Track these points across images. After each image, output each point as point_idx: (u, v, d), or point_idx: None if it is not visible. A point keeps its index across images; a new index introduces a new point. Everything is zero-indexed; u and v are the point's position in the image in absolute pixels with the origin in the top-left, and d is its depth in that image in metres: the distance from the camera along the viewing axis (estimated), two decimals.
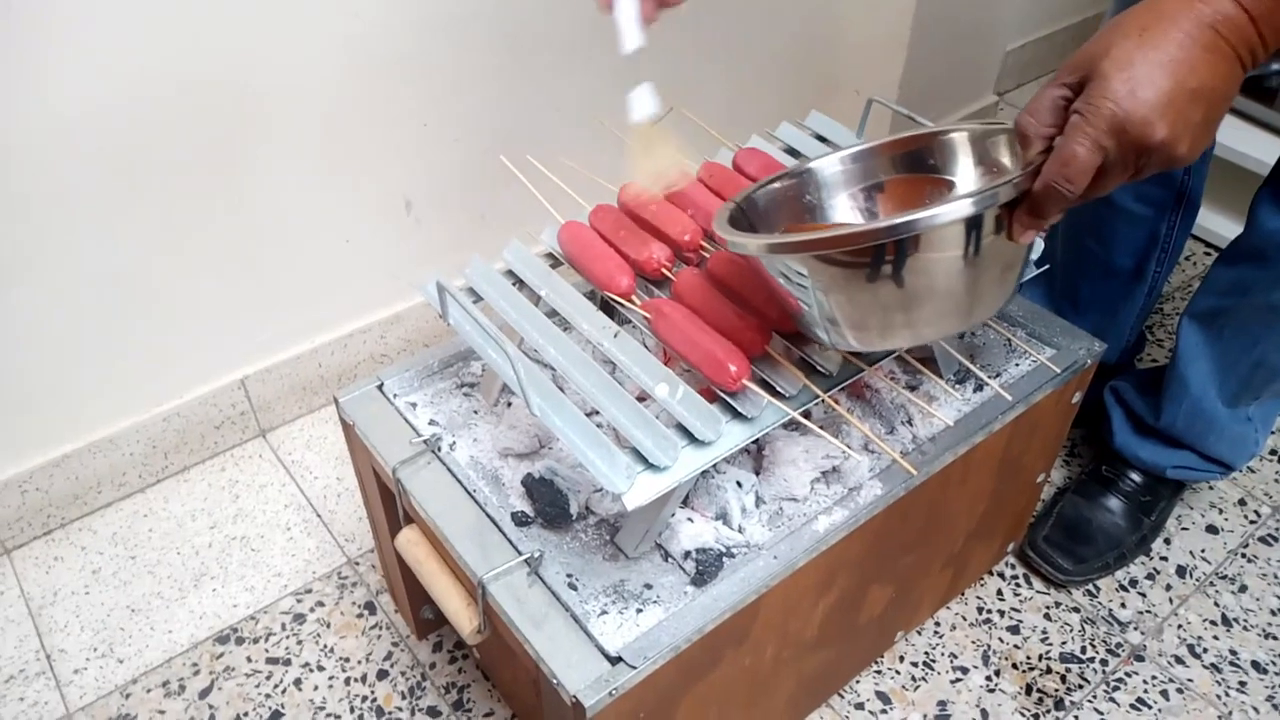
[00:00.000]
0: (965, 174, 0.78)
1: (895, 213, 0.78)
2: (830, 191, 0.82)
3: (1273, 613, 1.14)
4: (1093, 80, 0.57)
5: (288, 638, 1.09)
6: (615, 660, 0.69)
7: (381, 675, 1.05)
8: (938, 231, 0.61)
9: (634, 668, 0.69)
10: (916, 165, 0.80)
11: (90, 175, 1.02)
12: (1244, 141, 1.55)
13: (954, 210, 0.60)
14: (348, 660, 1.07)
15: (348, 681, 1.05)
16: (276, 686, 1.04)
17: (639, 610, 0.73)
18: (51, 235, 1.03)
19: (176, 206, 1.09)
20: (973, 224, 0.62)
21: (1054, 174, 0.58)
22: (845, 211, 0.82)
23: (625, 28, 0.76)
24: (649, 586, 0.76)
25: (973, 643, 1.10)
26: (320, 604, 1.12)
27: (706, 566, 0.76)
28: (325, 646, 1.08)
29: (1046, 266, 0.92)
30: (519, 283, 0.87)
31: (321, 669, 1.06)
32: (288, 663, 1.07)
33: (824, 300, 0.67)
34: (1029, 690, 1.06)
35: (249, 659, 1.07)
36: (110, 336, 1.13)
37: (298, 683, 1.05)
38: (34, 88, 0.95)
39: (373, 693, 1.04)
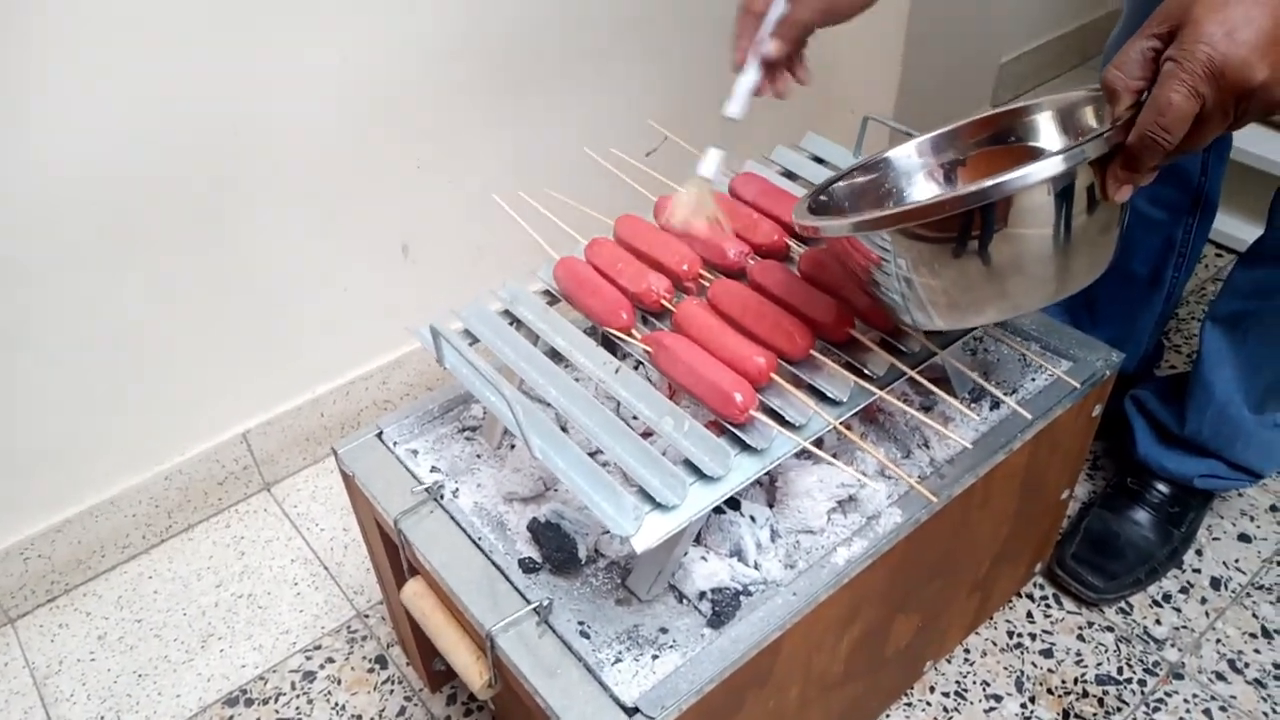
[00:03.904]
0: (1052, 145, 0.76)
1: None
2: (910, 178, 0.81)
3: None
4: (1185, 26, 0.55)
5: (298, 697, 1.06)
6: (632, 711, 0.66)
7: None
8: (1028, 194, 0.59)
9: (652, 719, 0.66)
10: (1000, 144, 0.79)
11: (81, 237, 1.01)
12: (1260, 143, 1.53)
13: (1043, 169, 0.58)
14: (360, 718, 1.04)
15: None
16: None
17: (655, 656, 0.70)
18: (46, 300, 1.02)
19: (170, 262, 1.08)
20: (1064, 184, 0.60)
21: (1149, 124, 0.56)
22: (929, 193, 0.80)
23: (738, 96, 0.77)
24: (664, 630, 0.73)
25: (1005, 669, 1.07)
26: (330, 660, 1.09)
27: (723, 607, 0.73)
28: (337, 704, 1.05)
29: None
30: (516, 322, 0.85)
31: None
32: None
33: (915, 278, 0.65)
34: (1066, 716, 1.02)
35: None
36: (108, 397, 1.12)
37: None
38: (24, 153, 0.94)
39: None
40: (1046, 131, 0.76)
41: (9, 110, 0.91)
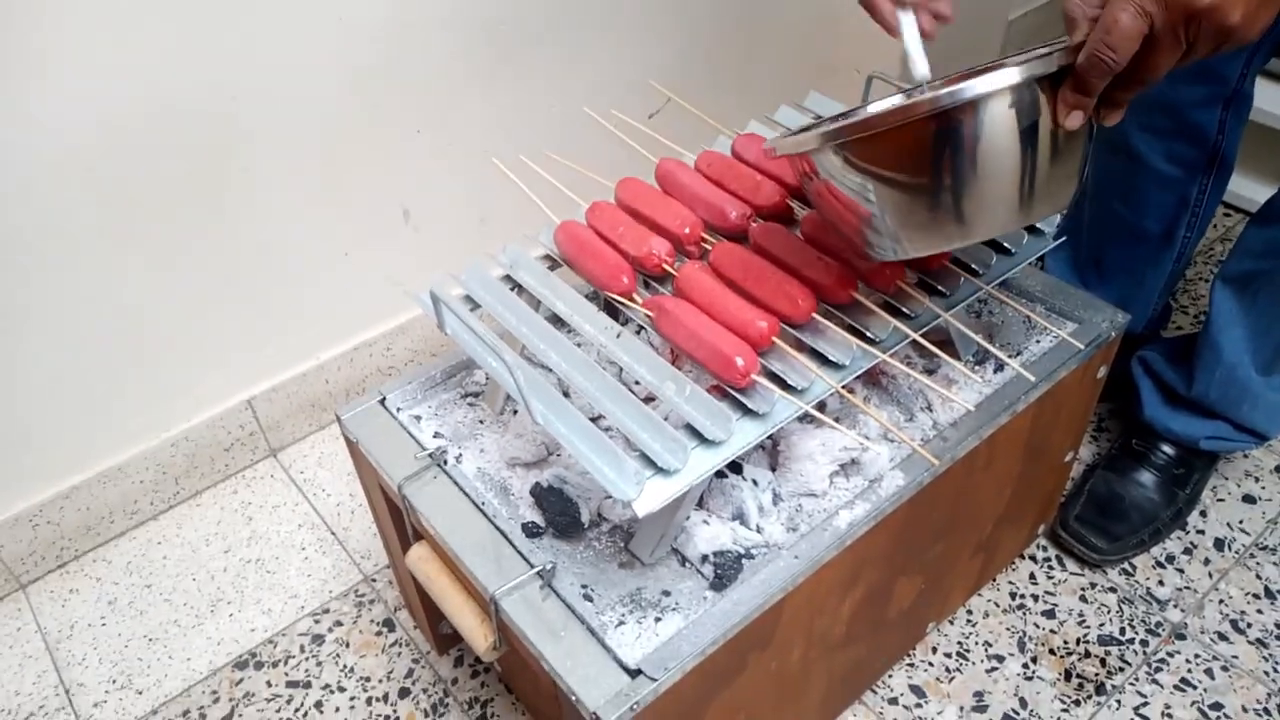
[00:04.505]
0: None
1: None
2: None
3: None
4: None
5: (307, 660, 1.07)
6: (635, 673, 0.67)
7: (403, 693, 1.03)
8: (974, 112, 0.60)
9: (654, 680, 0.66)
10: None
11: (84, 204, 1.00)
12: (1275, 102, 1.50)
13: (985, 82, 0.58)
14: (368, 680, 1.05)
15: (369, 701, 1.03)
16: (298, 710, 1.03)
17: (658, 619, 0.71)
18: (50, 271, 1.01)
19: (172, 231, 1.08)
20: (1017, 103, 0.60)
21: (1096, 42, 0.57)
22: None
23: (913, 51, 0.77)
24: (667, 594, 0.73)
25: (1007, 630, 1.07)
26: (338, 623, 1.11)
27: (725, 570, 0.73)
28: (345, 667, 1.06)
29: (1064, 238, 0.88)
30: (516, 287, 0.84)
31: (342, 690, 1.04)
32: (308, 685, 1.05)
33: (871, 197, 0.65)
34: (1068, 676, 1.03)
35: (269, 683, 1.05)
36: (114, 364, 1.12)
37: (319, 705, 1.03)
38: (22, 126, 0.93)
39: (395, 712, 1.02)
40: None
41: (3, 81, 0.91)
